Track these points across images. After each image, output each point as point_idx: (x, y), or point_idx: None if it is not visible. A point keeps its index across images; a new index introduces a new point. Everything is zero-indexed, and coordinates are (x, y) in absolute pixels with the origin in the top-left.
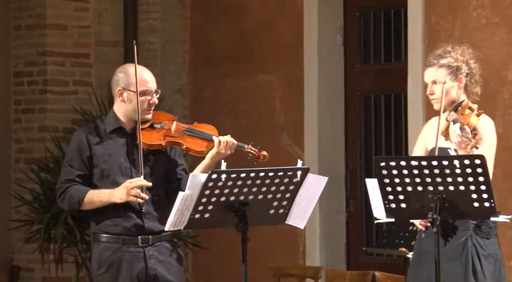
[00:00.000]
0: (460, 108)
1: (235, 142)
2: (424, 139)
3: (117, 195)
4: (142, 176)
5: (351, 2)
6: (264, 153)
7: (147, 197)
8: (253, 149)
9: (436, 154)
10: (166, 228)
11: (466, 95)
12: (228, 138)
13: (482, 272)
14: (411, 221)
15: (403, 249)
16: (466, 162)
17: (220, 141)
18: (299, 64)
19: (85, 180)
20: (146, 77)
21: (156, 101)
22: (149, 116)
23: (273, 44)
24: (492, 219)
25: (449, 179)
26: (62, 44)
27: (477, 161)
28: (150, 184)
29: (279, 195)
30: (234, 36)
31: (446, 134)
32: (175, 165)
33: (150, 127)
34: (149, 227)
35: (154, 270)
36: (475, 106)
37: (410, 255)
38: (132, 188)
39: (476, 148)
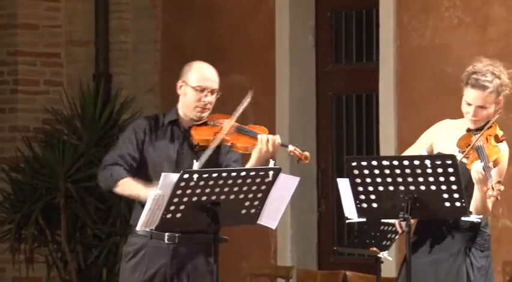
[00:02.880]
0: (486, 128)
1: (279, 140)
2: (431, 136)
3: (148, 191)
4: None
5: (322, 2)
6: (306, 154)
7: None
8: (297, 149)
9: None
10: (138, 228)
11: None
12: (271, 136)
13: None
14: (384, 220)
15: (375, 248)
16: (438, 162)
17: (262, 139)
18: (271, 64)
19: (132, 163)
20: (208, 74)
21: (210, 100)
22: (202, 115)
23: (244, 44)
24: (463, 219)
25: (421, 179)
26: (33, 44)
27: (448, 161)
28: None
29: (250, 195)
30: (206, 36)
31: (463, 152)
32: (229, 160)
33: (204, 124)
34: None
35: (175, 269)
36: (500, 133)
37: (381, 255)
38: None
39: (496, 198)
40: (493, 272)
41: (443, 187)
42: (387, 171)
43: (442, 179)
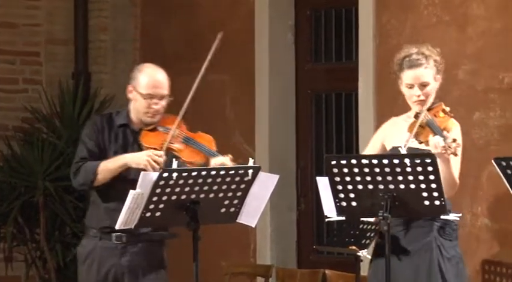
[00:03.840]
0: (433, 108)
1: (229, 164)
2: (381, 136)
3: (136, 157)
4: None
5: (302, 1)
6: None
7: (161, 163)
8: None
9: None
10: (117, 227)
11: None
12: (223, 161)
13: (448, 273)
14: (364, 219)
15: (354, 247)
16: (417, 161)
17: (215, 164)
18: (250, 63)
19: (97, 159)
20: (157, 81)
21: (160, 107)
22: (153, 120)
23: (224, 43)
24: (442, 217)
25: (400, 178)
26: (12, 42)
27: (428, 160)
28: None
29: (230, 194)
30: (185, 35)
31: (416, 133)
32: None
33: (153, 129)
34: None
35: (125, 268)
36: (447, 108)
37: (360, 253)
38: (154, 156)
39: (456, 155)
40: (463, 262)
41: (423, 186)
42: (366, 170)
43: (421, 177)
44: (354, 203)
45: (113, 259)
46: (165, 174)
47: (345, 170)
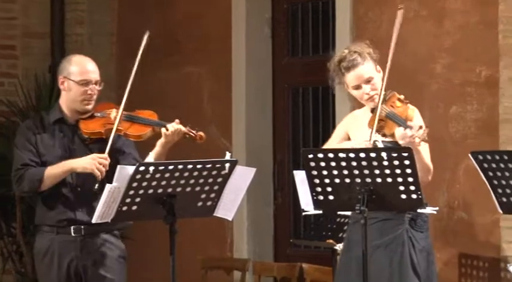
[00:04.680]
0: (387, 99)
1: (183, 128)
2: (346, 127)
3: (82, 162)
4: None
5: None
6: (201, 133)
7: (106, 166)
8: (192, 131)
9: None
10: (93, 220)
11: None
12: (174, 126)
13: (419, 264)
14: (341, 213)
15: (331, 241)
16: (394, 154)
17: (167, 129)
18: (227, 56)
19: (37, 165)
20: (88, 67)
21: (95, 91)
22: (88, 107)
23: (201, 36)
24: (419, 211)
25: (377, 171)
26: None
27: (404, 154)
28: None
29: (207, 188)
30: (162, 28)
31: (378, 128)
32: (123, 154)
33: (91, 117)
34: (80, 217)
35: (85, 261)
36: (402, 96)
37: (338, 247)
38: (99, 159)
39: (426, 141)
40: (434, 254)
41: (400, 179)
42: (344, 164)
43: (398, 171)
44: (331, 197)
45: (72, 252)
46: (142, 168)
47: (322, 164)
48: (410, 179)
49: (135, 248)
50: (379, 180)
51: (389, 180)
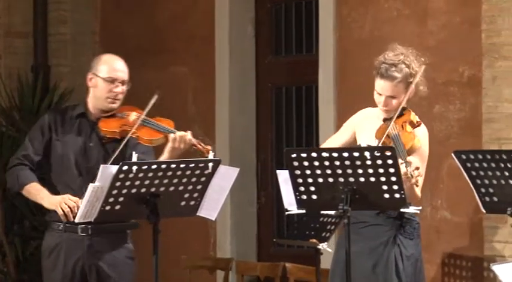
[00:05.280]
0: (402, 116)
1: (191, 138)
2: (354, 126)
3: (50, 199)
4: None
5: None
6: (208, 147)
7: (74, 208)
8: (201, 144)
9: None
10: (76, 220)
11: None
12: (181, 134)
13: (404, 271)
14: (324, 212)
15: (314, 240)
16: (377, 154)
17: (175, 138)
18: (211, 56)
19: (37, 162)
20: (117, 66)
21: (120, 91)
22: (113, 105)
23: (185, 36)
24: (402, 210)
25: (360, 171)
26: None
27: (388, 153)
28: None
29: (190, 187)
30: (146, 28)
31: (383, 144)
32: (138, 152)
33: (112, 116)
34: None
35: (91, 261)
36: (415, 118)
37: (321, 246)
38: (67, 203)
39: (417, 186)
40: (423, 261)
41: (383, 179)
42: (327, 163)
43: (381, 170)
44: (314, 196)
45: (79, 251)
46: (125, 168)
47: (305, 163)
48: (393, 179)
49: None
50: (362, 179)
51: (372, 179)
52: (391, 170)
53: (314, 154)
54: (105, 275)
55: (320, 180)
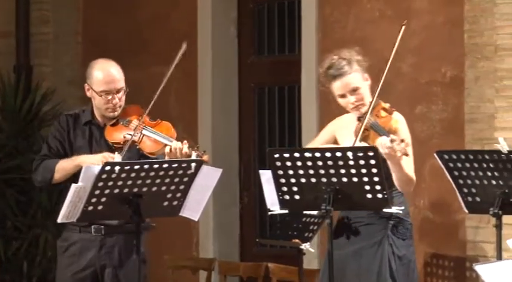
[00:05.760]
0: (372, 106)
1: (186, 150)
2: (334, 130)
3: (91, 159)
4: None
5: None
6: (205, 158)
7: None
8: (198, 152)
9: None
10: (59, 220)
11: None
12: (178, 146)
13: (397, 272)
14: (307, 212)
15: (297, 240)
16: (360, 154)
17: (171, 150)
18: (193, 56)
19: (59, 156)
20: (110, 77)
21: (118, 101)
22: (115, 114)
23: (167, 36)
24: (385, 210)
25: (343, 171)
26: None
27: (370, 153)
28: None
29: (173, 187)
30: (128, 28)
31: (363, 137)
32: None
33: (115, 123)
34: None
35: (103, 261)
36: (387, 105)
37: (303, 246)
38: (109, 158)
39: (407, 155)
40: (416, 262)
41: (365, 179)
42: (309, 163)
43: (364, 170)
44: (297, 196)
45: (92, 251)
46: (107, 168)
47: (288, 163)
48: (375, 179)
49: None
50: (344, 179)
51: (355, 179)
52: (374, 170)
53: (297, 154)
54: (115, 276)
55: (303, 180)
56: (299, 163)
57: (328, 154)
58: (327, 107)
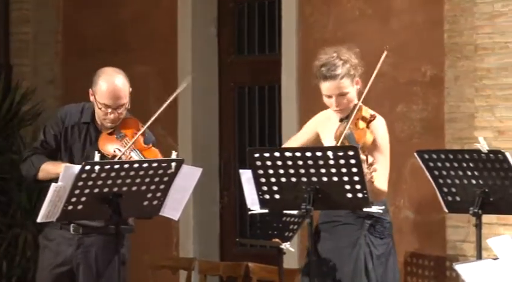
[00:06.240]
0: (354, 114)
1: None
2: (316, 126)
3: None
4: None
5: None
6: None
7: None
8: None
9: None
10: (38, 220)
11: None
12: None
13: (374, 271)
14: (287, 212)
15: (277, 240)
16: (340, 153)
17: None
18: (173, 55)
19: (50, 151)
20: (114, 92)
21: (116, 116)
22: (112, 125)
23: (147, 35)
24: (365, 210)
25: (323, 170)
26: None
27: (350, 152)
28: None
29: (153, 187)
30: (108, 27)
31: (341, 144)
32: None
33: (111, 133)
34: None
35: (81, 259)
36: (368, 114)
37: (283, 246)
38: None
39: (371, 183)
40: (396, 260)
41: (345, 178)
42: (290, 163)
43: (344, 170)
44: (277, 196)
45: (69, 249)
46: (87, 167)
47: (268, 163)
48: (356, 178)
49: None
50: (325, 179)
51: (335, 179)
52: (354, 170)
53: (277, 154)
54: (91, 276)
55: (283, 179)
56: (279, 162)
57: (308, 154)
58: (307, 106)
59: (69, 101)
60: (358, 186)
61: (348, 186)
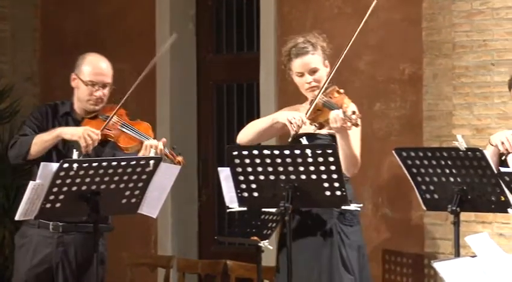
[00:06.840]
0: (327, 92)
1: (161, 147)
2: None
3: (71, 130)
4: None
5: None
6: (180, 158)
7: (95, 141)
8: (173, 153)
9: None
10: (16, 217)
11: None
12: (154, 143)
13: (349, 259)
14: (265, 209)
15: (255, 238)
16: (318, 151)
17: (146, 146)
18: (151, 53)
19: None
20: (99, 69)
21: (101, 95)
22: (95, 107)
23: (125, 33)
24: (344, 207)
25: (301, 168)
26: None
27: (329, 150)
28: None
29: (131, 185)
30: (86, 24)
31: (313, 117)
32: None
33: (94, 117)
34: None
35: (60, 258)
36: (342, 90)
37: (262, 244)
38: (90, 135)
39: (357, 125)
40: (365, 247)
41: (324, 176)
42: (268, 160)
43: (322, 168)
44: (255, 194)
45: (48, 248)
46: (66, 165)
47: (247, 161)
48: (334, 176)
49: None
50: (303, 177)
51: (313, 177)
52: (332, 168)
53: (255, 151)
54: (70, 274)
55: (261, 177)
56: (258, 160)
57: (286, 151)
58: (285, 104)
59: (47, 98)
60: (336, 184)
61: (326, 184)
